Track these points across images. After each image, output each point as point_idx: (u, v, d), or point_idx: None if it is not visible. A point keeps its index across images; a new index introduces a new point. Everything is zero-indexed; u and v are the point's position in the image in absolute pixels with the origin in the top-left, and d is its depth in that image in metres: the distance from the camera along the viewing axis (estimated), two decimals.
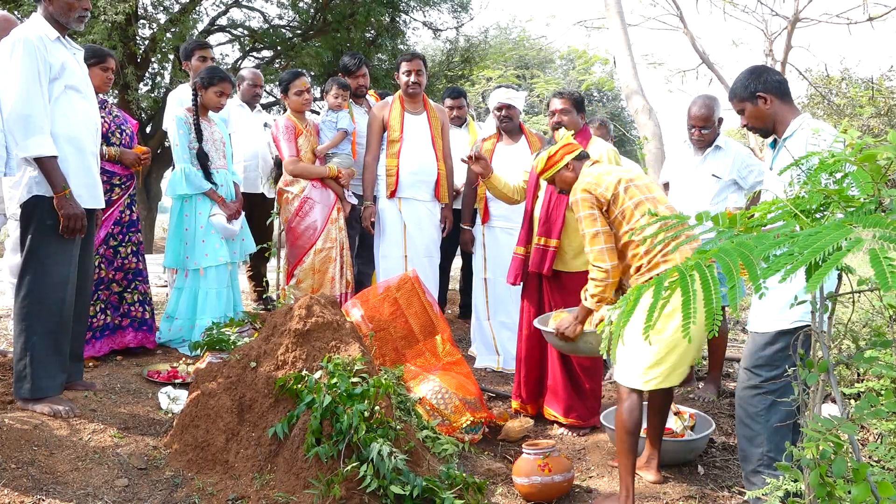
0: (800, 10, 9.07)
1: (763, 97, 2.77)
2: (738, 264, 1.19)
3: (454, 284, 6.58)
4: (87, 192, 3.21)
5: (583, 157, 3.36)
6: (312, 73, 13.39)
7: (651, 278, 2.39)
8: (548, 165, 3.36)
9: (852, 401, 3.62)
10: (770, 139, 2.89)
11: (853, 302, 1.74)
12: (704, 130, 4.14)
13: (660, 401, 3.22)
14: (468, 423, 3.49)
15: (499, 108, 4.63)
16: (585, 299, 3.17)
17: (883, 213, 1.38)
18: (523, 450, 3.16)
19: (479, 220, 4.84)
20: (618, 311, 1.58)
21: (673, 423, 3.52)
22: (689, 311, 1.27)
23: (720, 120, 4.19)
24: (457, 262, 6.09)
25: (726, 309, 4.13)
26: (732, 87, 2.90)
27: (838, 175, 1.51)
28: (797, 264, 1.09)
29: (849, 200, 1.35)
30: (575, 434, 3.83)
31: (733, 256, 1.22)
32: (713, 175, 4.12)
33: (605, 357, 3.14)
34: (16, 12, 10.32)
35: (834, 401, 1.80)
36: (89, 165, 3.22)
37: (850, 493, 1.42)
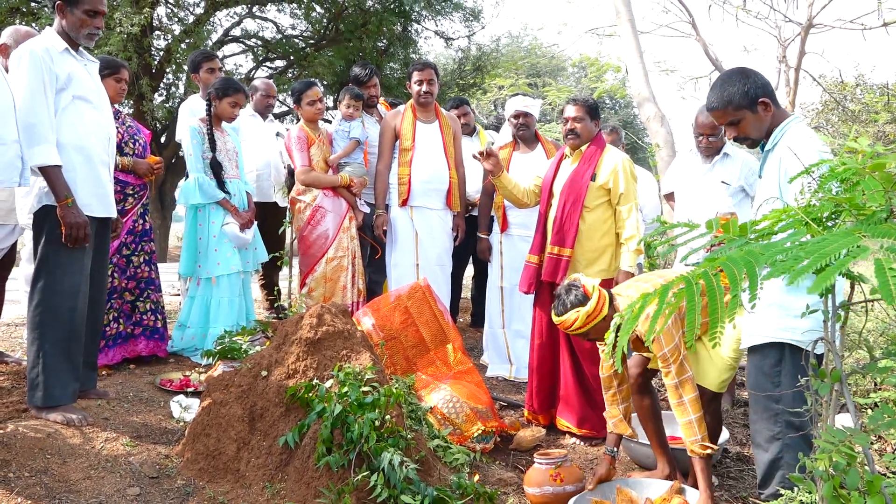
0: (813, 15, 9.02)
1: (765, 102, 2.45)
2: (743, 272, 1.18)
3: (466, 293, 6.57)
4: (98, 200, 3.23)
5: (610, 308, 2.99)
6: (325, 83, 13.49)
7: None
8: (585, 324, 2.94)
9: (870, 411, 3.58)
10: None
11: (866, 311, 1.72)
12: (712, 138, 4.14)
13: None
14: (479, 432, 3.47)
15: (515, 116, 4.63)
16: (695, 452, 2.84)
17: None
18: (535, 459, 3.14)
19: (496, 228, 4.83)
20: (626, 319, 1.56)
21: None
22: (693, 320, 1.26)
23: None
24: (469, 271, 6.08)
25: None
26: (721, 96, 2.48)
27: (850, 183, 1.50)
28: (803, 268, 1.08)
29: (860, 208, 1.33)
30: (587, 444, 3.80)
31: (739, 265, 1.21)
32: (722, 182, 4.11)
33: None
34: (34, 24, 10.48)
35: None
36: (99, 175, 3.24)
37: None
